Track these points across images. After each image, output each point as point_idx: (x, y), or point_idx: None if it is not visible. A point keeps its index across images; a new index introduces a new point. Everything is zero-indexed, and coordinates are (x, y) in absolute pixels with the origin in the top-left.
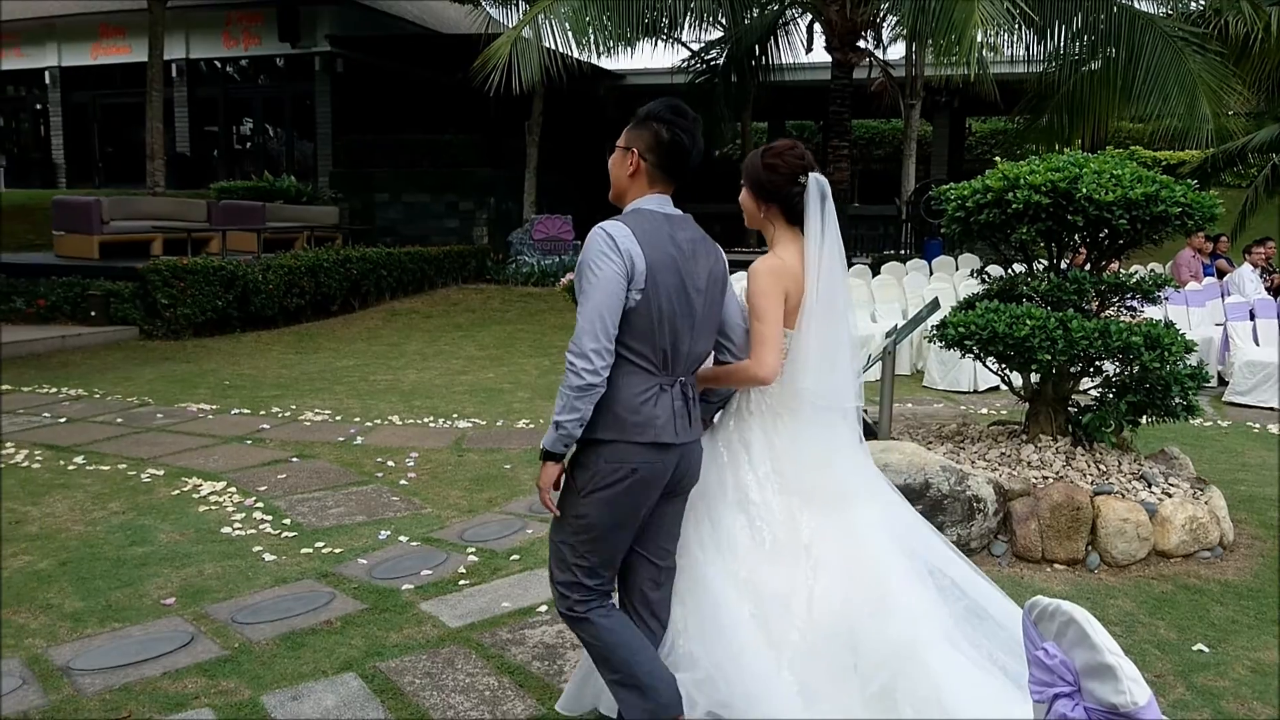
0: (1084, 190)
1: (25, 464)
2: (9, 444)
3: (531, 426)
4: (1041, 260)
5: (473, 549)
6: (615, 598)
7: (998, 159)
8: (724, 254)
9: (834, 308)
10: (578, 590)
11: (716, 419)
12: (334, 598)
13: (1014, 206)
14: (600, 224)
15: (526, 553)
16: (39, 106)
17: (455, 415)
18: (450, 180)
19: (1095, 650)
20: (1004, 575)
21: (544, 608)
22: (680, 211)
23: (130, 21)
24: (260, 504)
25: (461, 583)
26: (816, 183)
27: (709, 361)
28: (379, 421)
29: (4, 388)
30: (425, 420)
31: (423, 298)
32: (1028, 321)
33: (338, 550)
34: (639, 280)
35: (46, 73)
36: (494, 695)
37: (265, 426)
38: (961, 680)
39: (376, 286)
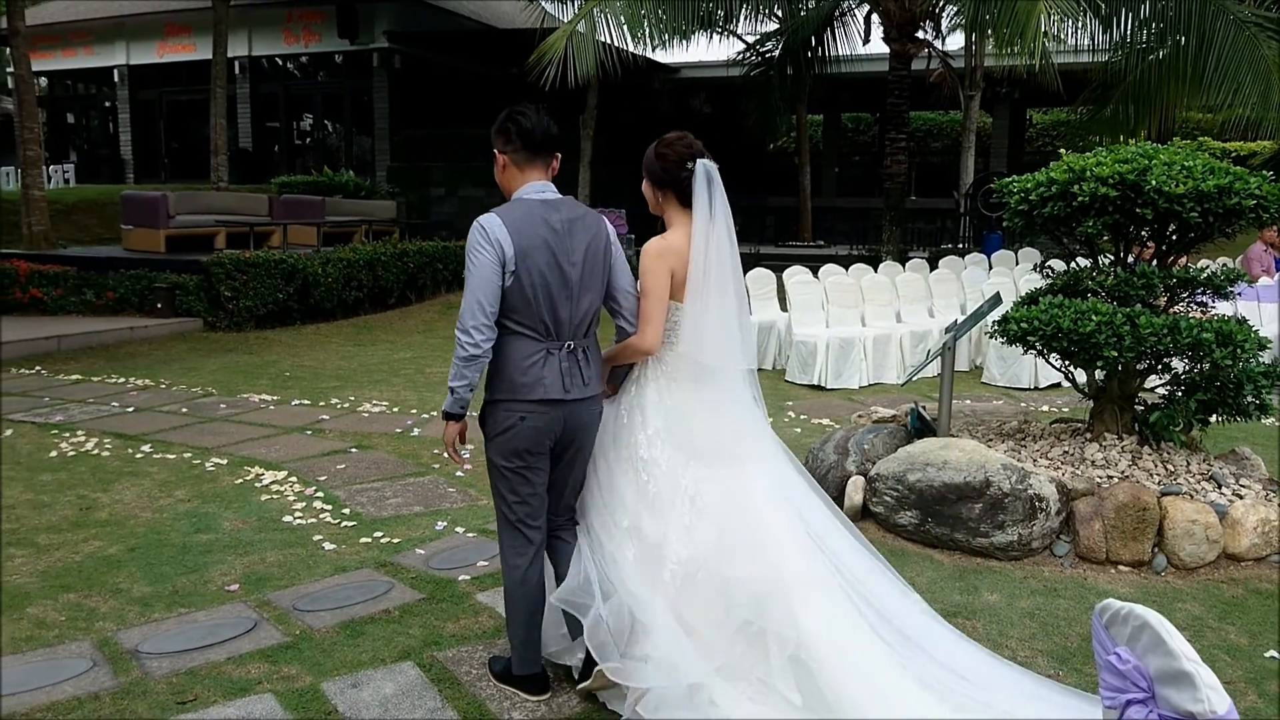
0: (1153, 182)
1: (95, 452)
2: (80, 432)
3: None
4: (1107, 254)
5: None
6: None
7: (1062, 151)
8: (608, 225)
9: (723, 281)
10: (508, 530)
11: (620, 386)
12: (392, 587)
13: (1080, 199)
14: (479, 217)
15: None
16: (108, 104)
17: None
18: None
19: (1171, 657)
20: (1066, 576)
21: None
22: (559, 195)
23: (195, 20)
24: (320, 494)
25: None
26: (704, 168)
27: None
28: (435, 413)
29: (74, 377)
30: None
31: None
32: (1093, 317)
33: (396, 540)
34: (510, 264)
35: (115, 71)
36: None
37: (325, 417)
38: (823, 625)
39: (433, 280)
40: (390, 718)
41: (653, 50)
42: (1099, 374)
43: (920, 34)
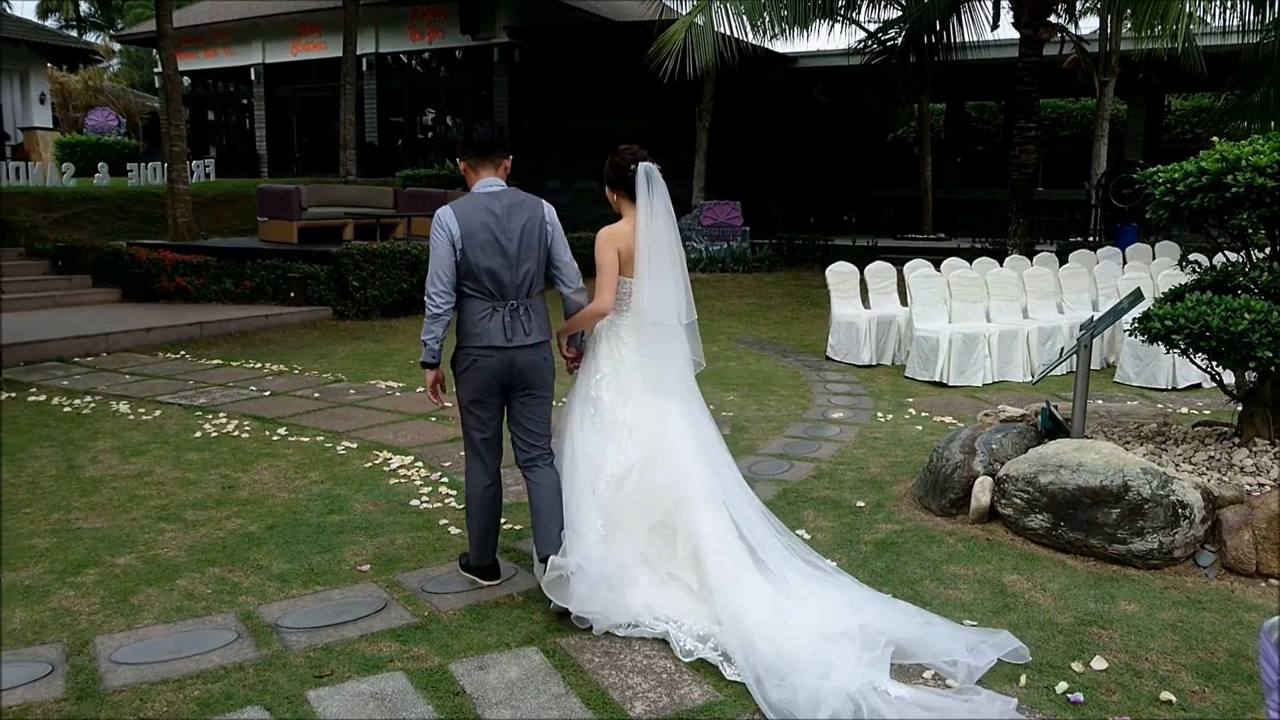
0: None
1: (236, 433)
2: (222, 414)
3: None
4: (1261, 249)
5: None
6: (484, 467)
7: (1215, 140)
8: (547, 208)
9: (663, 257)
10: (468, 445)
11: (581, 352)
12: (516, 573)
13: (1234, 190)
14: (438, 209)
15: None
16: (245, 101)
17: None
18: None
19: None
20: (1211, 588)
21: None
22: (504, 188)
23: (326, 20)
24: (445, 479)
25: None
26: (644, 170)
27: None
28: (554, 403)
29: (215, 362)
30: None
31: (591, 283)
32: (1246, 315)
33: (517, 527)
34: (458, 243)
35: (252, 69)
36: (671, 678)
37: (448, 404)
38: (713, 530)
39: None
40: (515, 701)
41: (771, 40)
42: (1250, 375)
43: (1053, 18)
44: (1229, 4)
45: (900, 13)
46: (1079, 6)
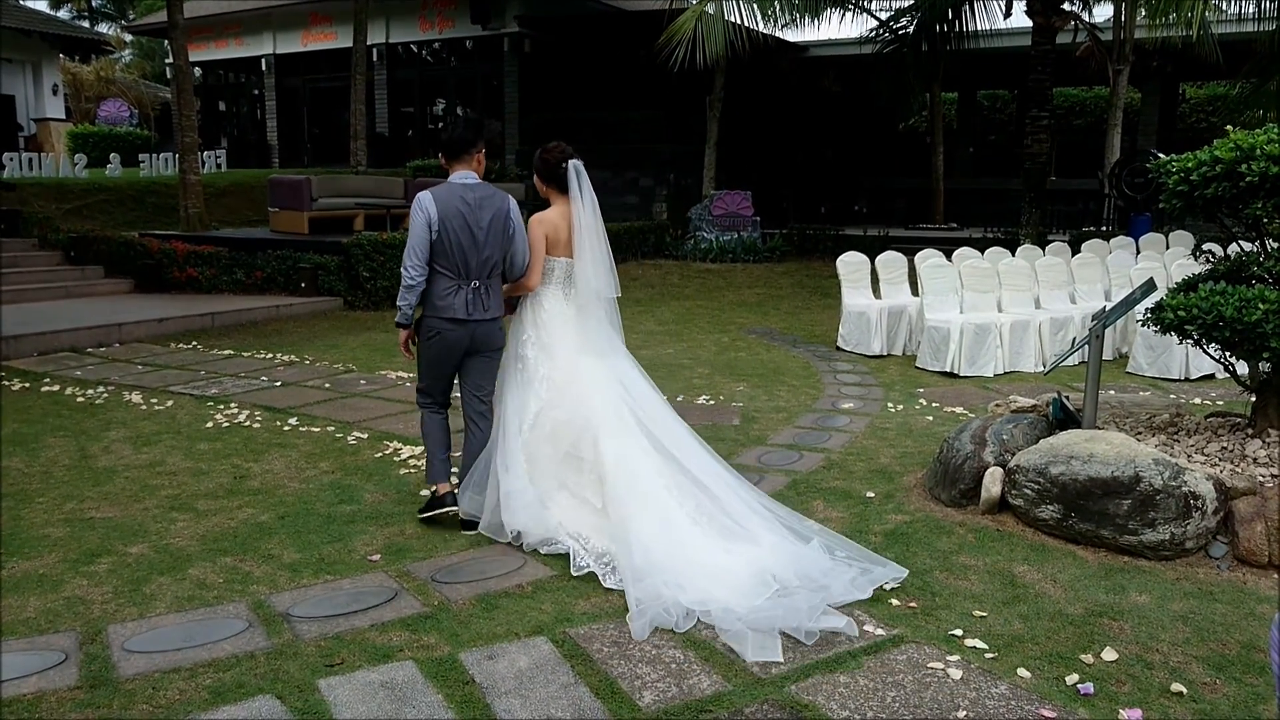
0: None
1: (247, 423)
2: (233, 404)
3: (711, 402)
4: (1275, 238)
5: None
6: (437, 409)
7: (1229, 128)
8: (512, 203)
9: (591, 242)
10: (420, 395)
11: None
12: (525, 563)
13: (1248, 179)
14: (419, 193)
15: None
16: (256, 92)
17: None
18: (631, 157)
19: None
20: (1223, 579)
21: None
22: (478, 182)
23: (336, 10)
24: (454, 470)
25: None
26: (574, 166)
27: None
28: None
29: (226, 352)
30: None
31: None
32: (1260, 305)
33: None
34: (435, 224)
35: (263, 60)
36: (680, 668)
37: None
38: (615, 455)
39: None
40: (524, 690)
41: (782, 29)
42: (1264, 366)
43: (1066, 5)
44: None
45: (912, 1)
46: None
